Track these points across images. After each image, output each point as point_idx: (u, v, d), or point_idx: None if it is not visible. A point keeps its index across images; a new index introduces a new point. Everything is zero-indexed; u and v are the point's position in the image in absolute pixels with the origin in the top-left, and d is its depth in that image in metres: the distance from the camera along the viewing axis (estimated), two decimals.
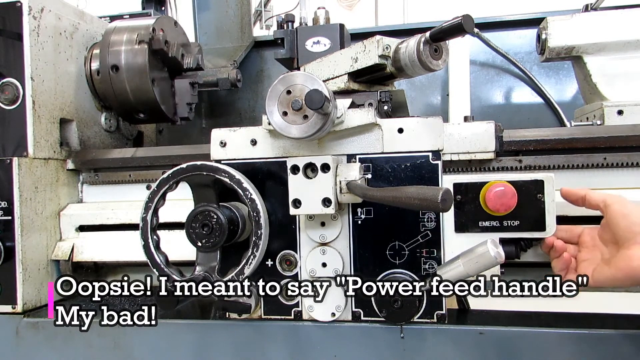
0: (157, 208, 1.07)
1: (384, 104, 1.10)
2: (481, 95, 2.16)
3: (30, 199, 1.34)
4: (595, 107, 1.48)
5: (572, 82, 2.07)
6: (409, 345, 1.07)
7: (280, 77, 0.96)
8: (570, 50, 1.50)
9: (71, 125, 1.53)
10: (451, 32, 0.91)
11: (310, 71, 1.16)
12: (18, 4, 1.36)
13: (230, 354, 1.16)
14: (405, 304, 1.03)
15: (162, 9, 2.58)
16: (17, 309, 1.30)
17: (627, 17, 1.45)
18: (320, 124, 0.94)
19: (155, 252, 1.05)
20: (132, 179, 1.47)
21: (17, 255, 1.30)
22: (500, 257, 0.92)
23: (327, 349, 1.11)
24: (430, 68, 0.97)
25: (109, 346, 1.21)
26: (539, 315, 1.16)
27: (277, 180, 1.11)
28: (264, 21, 4.49)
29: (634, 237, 0.90)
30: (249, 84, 2.29)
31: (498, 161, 1.22)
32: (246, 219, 1.08)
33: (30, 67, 1.36)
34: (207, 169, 1.05)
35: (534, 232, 1.03)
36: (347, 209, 1.09)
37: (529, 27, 2.07)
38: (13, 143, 1.36)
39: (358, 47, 1.06)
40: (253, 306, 1.11)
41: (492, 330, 1.05)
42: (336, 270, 1.09)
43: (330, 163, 0.99)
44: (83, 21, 1.61)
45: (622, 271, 0.90)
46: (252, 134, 1.13)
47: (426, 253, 1.07)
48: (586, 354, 1.01)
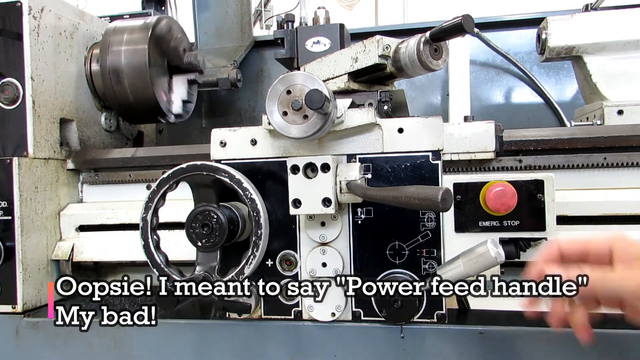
0: (157, 208, 1.07)
1: (384, 104, 1.10)
2: (481, 95, 2.16)
3: (30, 199, 1.34)
4: (595, 107, 1.48)
5: (572, 82, 2.06)
6: (409, 345, 1.07)
7: (280, 77, 0.96)
8: (570, 50, 1.50)
9: (71, 125, 1.53)
10: (451, 32, 0.91)
11: (310, 71, 1.16)
12: (18, 4, 1.36)
13: (230, 354, 1.16)
14: (405, 304, 1.03)
15: (162, 9, 2.58)
16: (17, 309, 1.30)
17: (627, 17, 1.45)
18: (320, 124, 0.94)
19: (155, 252, 1.06)
20: (132, 179, 1.47)
21: (17, 255, 1.30)
22: (500, 257, 0.92)
23: (327, 349, 1.11)
24: (430, 68, 0.97)
25: (109, 346, 1.21)
26: (539, 315, 1.16)
27: (277, 180, 1.11)
28: (264, 21, 4.49)
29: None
30: (249, 84, 2.29)
31: (498, 161, 1.22)
32: (246, 219, 1.08)
33: (30, 67, 1.36)
34: (207, 169, 1.05)
35: (534, 232, 1.03)
36: (347, 209, 1.09)
37: (529, 27, 2.07)
38: (13, 143, 1.36)
39: (358, 47, 1.06)
40: (253, 306, 1.11)
41: (492, 330, 1.05)
42: (336, 270, 1.09)
43: (330, 163, 0.99)
44: (83, 21, 1.61)
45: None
46: (252, 134, 1.13)
47: (426, 253, 1.07)
48: (586, 354, 1.01)
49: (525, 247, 1.11)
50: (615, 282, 0.78)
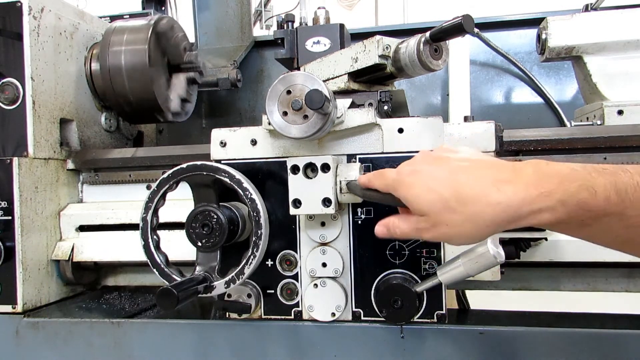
0: (157, 208, 1.07)
1: (384, 104, 1.10)
2: (481, 95, 2.16)
3: (30, 199, 1.34)
4: (595, 107, 1.48)
5: (572, 82, 2.07)
6: (409, 345, 1.07)
7: (280, 77, 0.96)
8: (570, 50, 1.50)
9: (71, 125, 1.53)
10: (451, 32, 0.91)
11: (310, 71, 1.16)
12: (18, 4, 1.36)
13: (230, 354, 1.16)
14: (405, 304, 1.03)
15: (162, 9, 2.58)
16: (17, 309, 1.30)
17: (627, 17, 1.44)
18: (320, 124, 0.94)
19: (155, 252, 1.06)
20: (132, 179, 1.47)
21: (17, 255, 1.30)
22: (500, 257, 0.92)
23: (327, 349, 1.11)
24: (430, 68, 0.97)
25: (109, 346, 1.21)
26: (539, 315, 1.16)
27: (277, 180, 1.11)
28: (264, 21, 4.49)
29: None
30: (249, 84, 2.29)
31: None
32: (246, 219, 1.08)
33: (30, 67, 1.36)
34: (207, 169, 1.05)
35: (533, 232, 1.03)
36: (347, 209, 1.09)
37: (529, 27, 2.07)
38: (13, 143, 1.36)
39: (358, 47, 1.06)
40: (253, 306, 1.12)
41: (492, 330, 1.05)
42: (336, 270, 1.09)
43: (330, 163, 0.99)
44: (83, 21, 1.61)
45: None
46: (252, 134, 1.13)
47: (426, 253, 1.07)
48: (586, 354, 1.01)
49: (525, 247, 1.11)
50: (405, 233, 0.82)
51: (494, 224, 0.70)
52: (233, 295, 1.13)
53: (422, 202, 0.75)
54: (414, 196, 0.77)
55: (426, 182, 0.75)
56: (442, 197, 0.72)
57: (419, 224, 0.78)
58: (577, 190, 0.65)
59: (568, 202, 0.65)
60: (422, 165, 0.79)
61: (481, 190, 0.70)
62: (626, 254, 0.71)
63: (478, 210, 0.70)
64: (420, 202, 0.75)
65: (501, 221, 0.69)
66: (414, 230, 0.80)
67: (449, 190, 0.72)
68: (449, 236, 0.75)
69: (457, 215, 0.71)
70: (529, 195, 0.67)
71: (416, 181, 0.77)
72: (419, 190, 0.76)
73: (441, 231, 0.75)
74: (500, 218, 0.69)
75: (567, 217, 0.66)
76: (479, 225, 0.71)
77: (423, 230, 0.78)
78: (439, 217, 0.73)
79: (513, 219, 0.69)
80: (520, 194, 0.67)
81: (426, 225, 0.76)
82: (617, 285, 1.27)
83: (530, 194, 0.67)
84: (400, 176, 0.80)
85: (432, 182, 0.75)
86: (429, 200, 0.74)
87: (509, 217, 0.68)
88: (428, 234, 0.77)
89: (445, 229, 0.74)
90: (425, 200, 0.75)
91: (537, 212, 0.67)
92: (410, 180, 0.78)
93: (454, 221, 0.72)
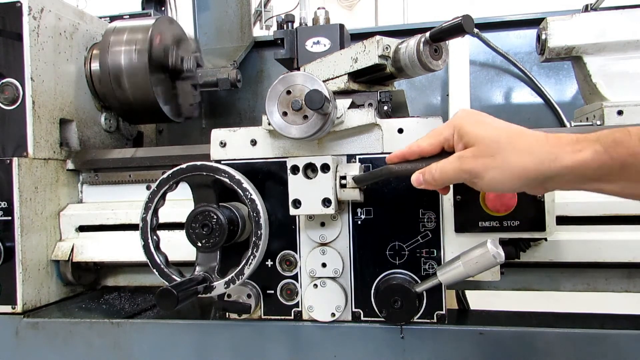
0: (157, 208, 1.07)
1: (384, 104, 1.10)
2: (481, 95, 2.16)
3: (30, 199, 1.34)
4: (595, 107, 1.48)
5: (572, 82, 2.06)
6: (409, 345, 1.07)
7: (280, 77, 0.96)
8: (570, 51, 1.50)
9: (71, 125, 1.53)
10: (451, 32, 0.91)
11: (310, 71, 1.16)
12: (18, 4, 1.36)
13: (230, 354, 1.16)
14: (405, 304, 1.03)
15: (162, 9, 2.58)
16: (17, 309, 1.30)
17: (627, 17, 1.44)
18: (320, 124, 0.94)
19: (155, 252, 1.06)
20: (132, 179, 1.47)
21: (17, 255, 1.30)
22: (500, 257, 0.92)
23: (327, 349, 1.11)
24: (430, 68, 0.97)
25: (109, 346, 1.21)
26: (539, 315, 1.16)
27: (277, 181, 1.11)
28: (264, 21, 4.50)
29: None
30: (249, 84, 2.29)
31: None
32: (246, 219, 1.08)
33: (30, 67, 1.36)
34: (207, 169, 1.05)
35: (533, 233, 1.02)
36: (347, 209, 1.09)
37: (529, 27, 2.07)
38: (13, 143, 1.36)
39: (358, 47, 1.06)
40: (253, 306, 1.12)
41: (492, 330, 1.05)
42: (336, 271, 1.09)
43: (330, 163, 0.99)
44: (83, 21, 1.61)
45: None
46: (252, 134, 1.13)
47: (426, 253, 1.07)
48: (586, 354, 1.01)
49: (525, 248, 1.11)
50: (442, 170, 0.85)
51: (539, 164, 0.75)
52: (233, 295, 1.13)
53: (485, 133, 0.80)
54: (480, 125, 0.81)
55: (492, 122, 0.82)
56: (508, 134, 0.78)
57: (464, 153, 0.82)
58: (611, 132, 0.71)
59: (604, 140, 0.70)
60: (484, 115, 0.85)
61: (535, 139, 0.77)
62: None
63: (529, 150, 0.76)
64: (484, 132, 0.80)
65: (545, 160, 0.74)
66: (455, 159, 0.83)
67: (511, 132, 0.79)
68: (487, 168, 0.78)
69: (509, 154, 0.77)
70: (571, 139, 0.74)
71: (485, 119, 0.83)
72: (488, 125, 0.81)
73: (485, 163, 0.78)
74: (544, 157, 0.74)
75: (608, 157, 0.70)
76: (526, 165, 0.76)
77: (465, 159, 0.81)
78: (490, 148, 0.78)
79: (556, 157, 0.73)
80: (564, 139, 0.74)
81: (471, 154, 0.80)
82: (617, 286, 1.27)
83: (571, 138, 0.74)
84: (466, 114, 0.86)
85: (498, 124, 0.82)
86: (493, 133, 0.79)
87: (552, 156, 0.73)
88: (468, 163, 0.80)
89: (489, 160, 0.78)
90: (491, 132, 0.80)
91: (578, 152, 0.72)
92: (479, 118, 0.84)
93: (502, 157, 0.77)
